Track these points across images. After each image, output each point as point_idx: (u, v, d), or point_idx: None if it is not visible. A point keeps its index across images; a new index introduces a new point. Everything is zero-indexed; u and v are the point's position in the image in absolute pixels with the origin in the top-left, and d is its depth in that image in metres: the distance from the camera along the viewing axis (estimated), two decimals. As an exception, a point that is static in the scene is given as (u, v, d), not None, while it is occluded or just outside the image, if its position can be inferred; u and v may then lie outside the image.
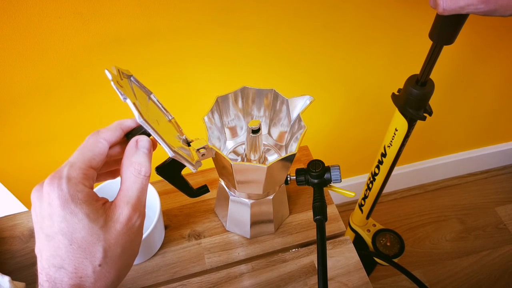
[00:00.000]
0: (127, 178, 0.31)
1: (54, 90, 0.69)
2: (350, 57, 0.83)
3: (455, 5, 0.38)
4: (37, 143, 0.78)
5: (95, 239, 0.28)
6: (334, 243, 0.57)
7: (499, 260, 1.25)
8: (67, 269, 0.28)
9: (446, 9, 0.39)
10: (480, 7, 0.36)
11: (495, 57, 0.97)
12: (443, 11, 0.39)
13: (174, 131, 0.38)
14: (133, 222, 0.30)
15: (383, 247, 0.99)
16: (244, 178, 0.47)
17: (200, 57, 0.72)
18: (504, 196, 1.41)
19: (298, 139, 0.46)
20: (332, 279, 0.54)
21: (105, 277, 0.29)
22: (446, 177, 1.46)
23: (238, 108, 0.52)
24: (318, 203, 0.47)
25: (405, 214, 1.38)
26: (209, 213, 0.62)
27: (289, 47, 0.76)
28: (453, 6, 0.38)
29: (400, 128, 0.66)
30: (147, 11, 0.62)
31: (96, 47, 0.64)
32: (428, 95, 0.59)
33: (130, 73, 0.36)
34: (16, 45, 0.61)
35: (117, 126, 0.33)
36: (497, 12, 0.37)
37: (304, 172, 0.52)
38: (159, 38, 0.67)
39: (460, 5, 0.37)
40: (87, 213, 0.28)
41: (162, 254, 0.57)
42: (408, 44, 0.84)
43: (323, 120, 1.00)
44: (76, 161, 0.30)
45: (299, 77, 0.84)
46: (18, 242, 0.59)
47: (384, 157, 0.74)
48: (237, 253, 0.57)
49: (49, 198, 0.28)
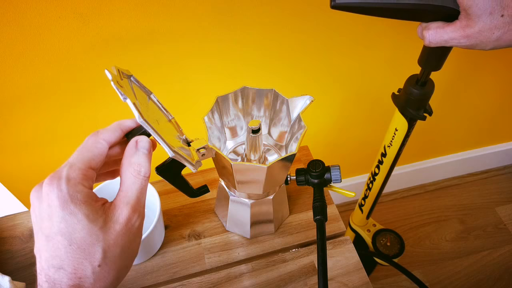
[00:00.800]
0: (126, 178, 0.31)
1: (54, 90, 0.69)
2: (350, 58, 0.83)
3: (439, 38, 0.42)
4: (37, 143, 0.78)
5: (94, 239, 0.28)
6: (334, 243, 0.57)
7: (499, 260, 1.25)
8: (67, 269, 0.28)
9: (432, 42, 0.42)
10: (462, 41, 0.40)
11: (495, 57, 0.97)
12: (429, 43, 0.43)
13: (174, 131, 0.38)
14: (132, 223, 0.30)
15: (383, 247, 0.99)
16: (244, 178, 0.47)
17: (200, 57, 0.72)
18: (504, 196, 1.41)
19: (298, 139, 0.46)
20: (332, 279, 0.54)
21: (104, 277, 0.29)
22: (446, 177, 1.46)
23: (238, 108, 0.52)
24: (318, 203, 0.47)
25: (405, 214, 1.38)
26: (209, 213, 0.62)
27: (289, 48, 0.76)
28: (438, 39, 0.42)
29: (400, 128, 0.66)
30: (147, 11, 0.62)
31: (96, 47, 0.64)
32: (428, 95, 0.59)
33: (130, 73, 0.36)
34: (16, 45, 0.61)
35: (117, 126, 0.33)
36: (478, 46, 0.40)
37: (304, 172, 0.52)
38: (159, 38, 0.66)
39: (444, 39, 0.41)
40: (87, 214, 0.28)
41: (162, 254, 0.57)
42: (408, 44, 0.84)
43: (323, 120, 1.00)
44: (76, 162, 0.30)
45: (299, 77, 0.84)
46: (18, 242, 0.59)
47: (384, 157, 0.74)
48: (237, 253, 0.57)
49: (48, 198, 0.28)
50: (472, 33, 0.39)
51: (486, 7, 0.37)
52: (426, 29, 0.43)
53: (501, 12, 0.37)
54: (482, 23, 0.38)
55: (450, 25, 0.41)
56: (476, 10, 0.37)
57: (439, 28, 0.41)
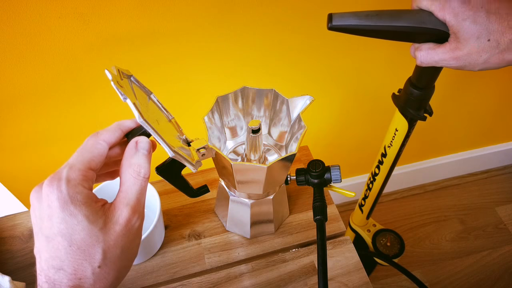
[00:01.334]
0: (126, 179, 0.31)
1: (54, 90, 0.69)
2: (350, 58, 0.83)
3: (430, 59, 0.43)
4: (37, 143, 0.78)
5: (94, 240, 0.28)
6: (334, 243, 0.57)
7: (499, 260, 1.25)
8: (66, 270, 0.28)
9: (423, 62, 0.44)
10: (451, 63, 0.42)
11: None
12: (420, 63, 0.45)
13: (174, 131, 0.38)
14: (132, 224, 0.30)
15: (383, 247, 0.99)
16: (244, 178, 0.47)
17: (200, 57, 0.72)
18: (504, 196, 1.41)
19: (298, 139, 0.46)
20: (332, 279, 0.54)
21: (104, 278, 0.29)
22: (446, 177, 1.46)
23: (238, 108, 0.52)
24: (318, 203, 0.47)
25: (405, 214, 1.38)
26: (209, 213, 0.62)
27: (289, 48, 0.76)
28: (429, 60, 0.44)
29: (401, 128, 0.66)
30: (147, 11, 0.62)
31: (96, 47, 0.64)
32: (429, 95, 0.59)
33: (130, 73, 0.36)
34: (16, 45, 0.60)
35: (117, 127, 0.33)
36: (466, 68, 0.42)
37: (304, 172, 0.52)
38: (159, 38, 0.66)
39: (435, 60, 0.43)
40: (87, 215, 0.28)
41: (162, 254, 0.57)
42: (407, 45, 0.83)
43: (323, 120, 1.00)
44: (75, 163, 0.30)
45: (299, 77, 0.84)
46: (18, 242, 0.59)
47: (384, 157, 0.74)
48: (237, 253, 0.57)
49: (48, 199, 0.28)
50: (461, 55, 0.41)
51: (473, 31, 0.38)
52: (418, 49, 0.45)
53: (487, 37, 0.38)
54: (470, 46, 0.39)
55: (440, 46, 0.42)
56: (464, 34, 0.39)
57: (430, 49, 0.43)
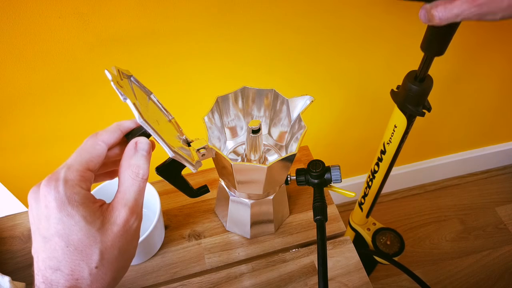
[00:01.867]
0: (125, 180, 0.31)
1: (54, 90, 0.69)
2: (349, 57, 0.83)
3: (450, 13, 0.39)
4: (37, 143, 0.78)
5: (91, 241, 0.28)
6: (334, 243, 0.57)
7: (499, 260, 1.25)
8: (64, 271, 0.28)
9: (443, 19, 0.40)
10: (473, 11, 0.38)
11: (494, 56, 0.97)
12: (439, 21, 0.41)
13: (174, 131, 0.38)
14: (130, 225, 0.30)
15: (383, 246, 0.99)
16: (244, 178, 0.47)
17: (200, 57, 0.72)
18: (504, 196, 1.41)
19: (298, 139, 0.46)
20: (332, 279, 0.54)
21: (102, 279, 0.29)
22: (446, 177, 1.46)
23: (238, 108, 0.52)
24: (319, 203, 0.47)
25: (405, 214, 1.38)
26: (209, 213, 0.62)
27: (289, 48, 0.76)
28: (448, 15, 0.40)
29: (399, 125, 0.66)
30: (147, 11, 0.62)
31: (96, 47, 0.64)
32: (427, 91, 0.59)
33: (130, 73, 0.36)
34: (16, 45, 0.60)
35: (116, 127, 0.33)
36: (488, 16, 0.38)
37: (304, 172, 0.52)
38: (159, 38, 0.66)
39: (455, 13, 0.39)
40: (84, 216, 0.28)
41: (162, 254, 0.57)
42: (406, 44, 0.84)
43: (323, 120, 1.00)
44: (74, 163, 0.30)
45: (299, 77, 0.84)
46: (18, 242, 0.59)
47: (384, 154, 0.74)
48: (237, 253, 0.57)
49: (45, 200, 0.28)
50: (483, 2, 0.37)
51: None
52: (433, 8, 0.41)
53: None
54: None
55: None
56: None
57: (447, 3, 0.39)
